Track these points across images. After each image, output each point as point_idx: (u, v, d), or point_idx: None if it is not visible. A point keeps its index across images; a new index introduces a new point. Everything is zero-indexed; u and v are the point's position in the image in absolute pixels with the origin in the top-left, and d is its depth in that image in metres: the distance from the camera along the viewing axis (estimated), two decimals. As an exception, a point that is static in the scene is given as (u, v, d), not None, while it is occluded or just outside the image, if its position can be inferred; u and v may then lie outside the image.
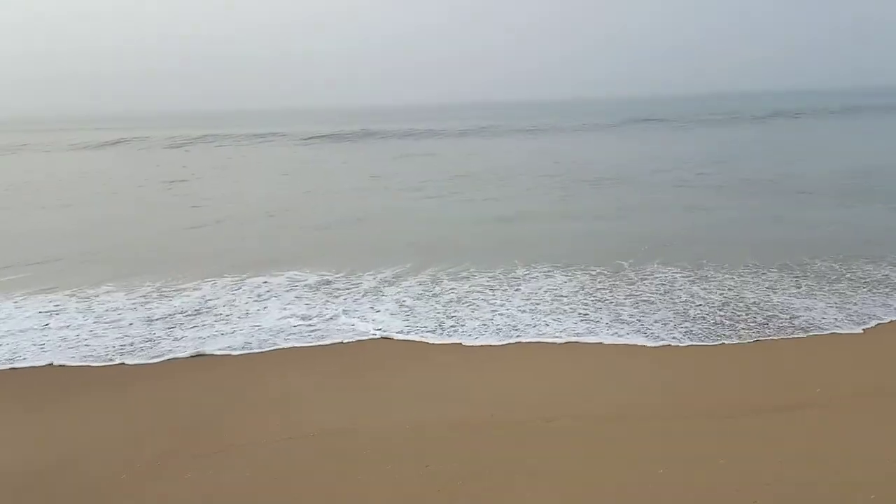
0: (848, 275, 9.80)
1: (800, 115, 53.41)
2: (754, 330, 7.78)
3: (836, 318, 8.06)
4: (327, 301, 9.18)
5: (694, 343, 7.45)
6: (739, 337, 7.59)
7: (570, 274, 10.28)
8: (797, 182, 19.58)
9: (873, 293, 8.93)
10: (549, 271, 10.43)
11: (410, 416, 5.69)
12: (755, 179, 20.50)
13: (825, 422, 5.26)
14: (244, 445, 5.21)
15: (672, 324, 8.01)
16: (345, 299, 9.25)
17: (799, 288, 9.30)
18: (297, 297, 9.37)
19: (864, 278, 9.60)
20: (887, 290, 9.06)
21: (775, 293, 9.06)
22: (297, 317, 8.56)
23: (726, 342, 7.45)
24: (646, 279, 9.93)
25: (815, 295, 8.96)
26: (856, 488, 4.24)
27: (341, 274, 10.49)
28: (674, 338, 7.59)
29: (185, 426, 5.64)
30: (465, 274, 10.36)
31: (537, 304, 8.87)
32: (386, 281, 10.04)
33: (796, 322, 7.99)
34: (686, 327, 7.91)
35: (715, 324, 8.01)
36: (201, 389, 6.54)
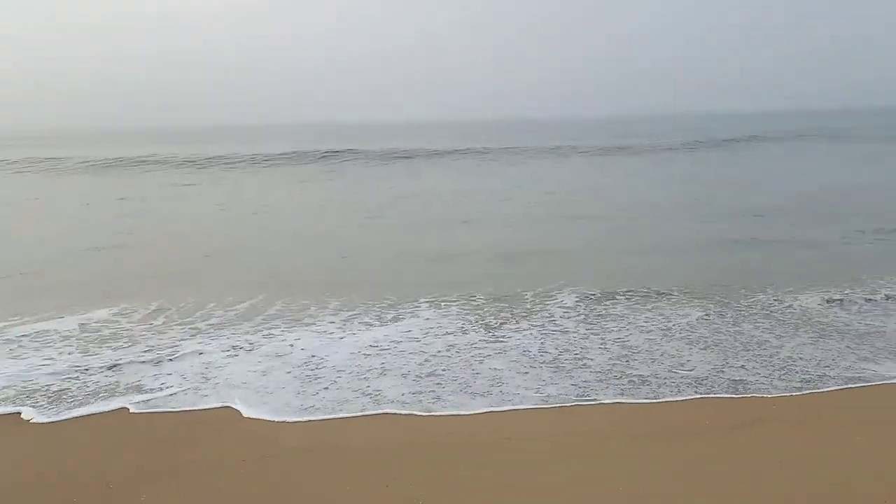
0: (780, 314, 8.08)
1: (760, 140, 51.69)
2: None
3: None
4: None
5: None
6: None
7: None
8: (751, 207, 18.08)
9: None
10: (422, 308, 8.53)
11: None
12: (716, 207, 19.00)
13: (787, 434, 5.09)
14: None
15: (537, 390, 6.08)
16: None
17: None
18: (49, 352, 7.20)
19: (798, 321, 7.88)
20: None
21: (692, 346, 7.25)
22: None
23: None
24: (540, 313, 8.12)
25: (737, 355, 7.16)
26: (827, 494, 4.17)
27: (148, 313, 8.45)
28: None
29: None
30: (310, 314, 8.42)
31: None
32: (193, 331, 7.96)
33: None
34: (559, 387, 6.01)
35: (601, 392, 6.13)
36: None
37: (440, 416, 5.59)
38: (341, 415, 5.66)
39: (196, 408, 5.88)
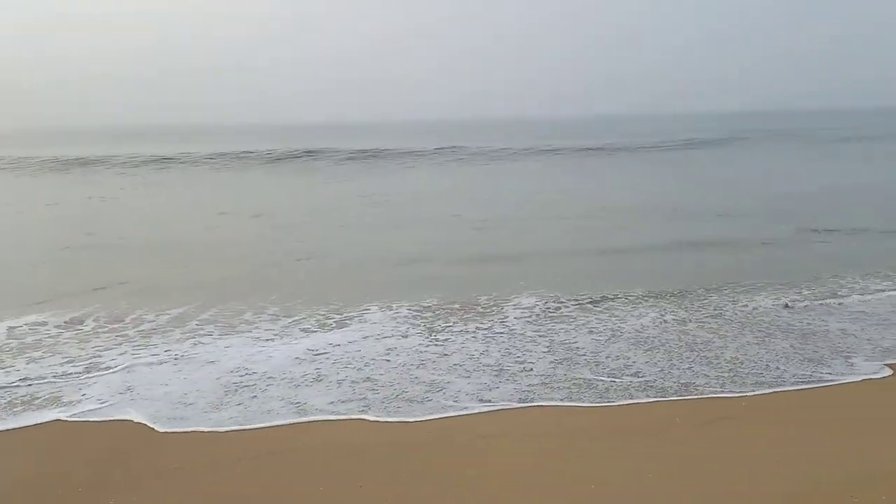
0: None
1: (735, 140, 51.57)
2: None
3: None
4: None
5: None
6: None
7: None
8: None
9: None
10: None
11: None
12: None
13: (747, 430, 5.09)
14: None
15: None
16: None
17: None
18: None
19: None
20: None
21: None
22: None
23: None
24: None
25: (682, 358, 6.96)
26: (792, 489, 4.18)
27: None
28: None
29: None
30: (246, 321, 8.09)
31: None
32: (121, 338, 7.61)
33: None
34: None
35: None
36: None
37: (384, 422, 5.37)
38: (275, 423, 5.39)
39: (112, 418, 5.57)
